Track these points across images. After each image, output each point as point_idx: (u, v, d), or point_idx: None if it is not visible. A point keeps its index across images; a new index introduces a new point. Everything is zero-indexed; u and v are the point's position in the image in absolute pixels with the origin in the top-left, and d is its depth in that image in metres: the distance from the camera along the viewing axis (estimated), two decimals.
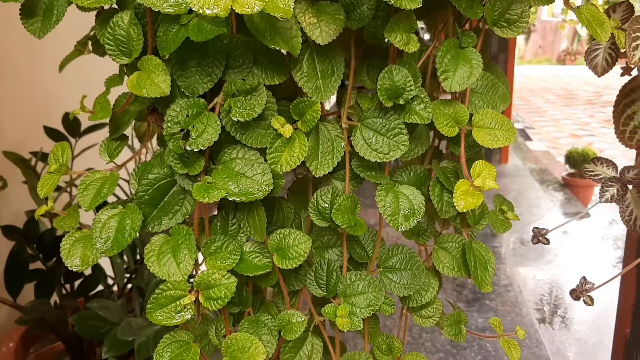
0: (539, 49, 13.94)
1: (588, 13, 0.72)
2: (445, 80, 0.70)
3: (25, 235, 1.52)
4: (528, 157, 6.67)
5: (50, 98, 2.17)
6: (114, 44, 0.65)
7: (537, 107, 10.59)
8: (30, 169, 1.53)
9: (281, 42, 0.63)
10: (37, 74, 2.11)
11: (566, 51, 13.38)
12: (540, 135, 8.38)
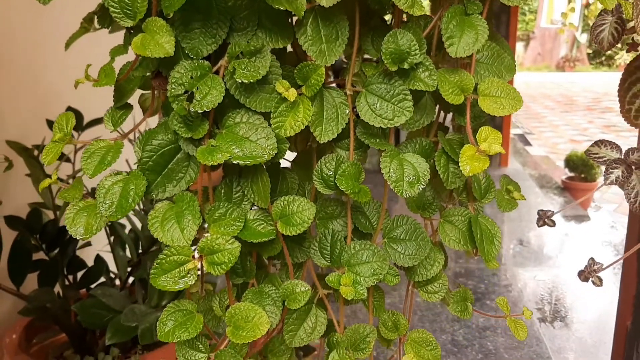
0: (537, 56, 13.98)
1: None
2: (451, 46, 0.70)
3: (28, 226, 1.51)
4: (528, 162, 6.67)
5: (52, 92, 2.17)
6: (118, 7, 0.65)
7: (536, 113, 10.60)
8: (33, 159, 1.53)
9: (285, 2, 0.63)
10: (39, 68, 2.11)
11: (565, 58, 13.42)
12: (540, 141, 8.38)
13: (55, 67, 2.19)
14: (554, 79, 13.73)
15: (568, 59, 13.36)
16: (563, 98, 12.06)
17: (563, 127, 9.46)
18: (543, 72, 14.12)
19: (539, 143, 8.26)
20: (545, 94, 12.61)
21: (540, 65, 14.17)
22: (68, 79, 2.23)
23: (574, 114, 10.35)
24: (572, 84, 13.40)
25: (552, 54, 13.58)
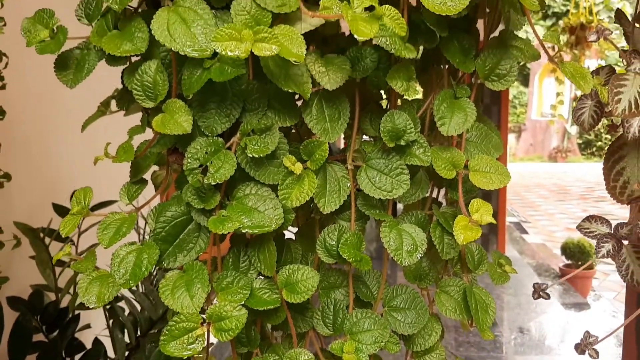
0: (530, 147, 14.36)
1: (572, 67, 0.80)
2: (443, 126, 0.77)
3: (30, 307, 1.52)
4: (525, 250, 6.69)
5: (59, 176, 2.24)
6: (141, 90, 0.71)
7: (531, 202, 10.74)
8: (38, 240, 1.56)
9: (294, 85, 0.70)
10: (47, 154, 2.19)
11: (557, 149, 13.78)
12: (536, 229, 8.44)
13: (63, 152, 2.27)
14: (547, 169, 14.03)
15: (560, 150, 13.71)
16: (557, 187, 12.26)
17: (558, 215, 9.56)
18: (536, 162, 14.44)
19: (535, 231, 8.31)
20: (539, 184, 12.81)
21: (532, 156, 14.51)
22: (74, 164, 2.31)
23: (569, 203, 10.49)
24: (565, 174, 13.66)
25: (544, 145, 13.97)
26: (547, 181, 12.94)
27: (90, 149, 1.92)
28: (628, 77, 0.87)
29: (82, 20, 0.80)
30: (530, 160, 14.45)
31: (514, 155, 14.59)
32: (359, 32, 0.61)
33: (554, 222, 9.00)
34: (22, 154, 2.03)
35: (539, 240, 7.62)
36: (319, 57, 0.73)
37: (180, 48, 0.65)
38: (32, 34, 0.78)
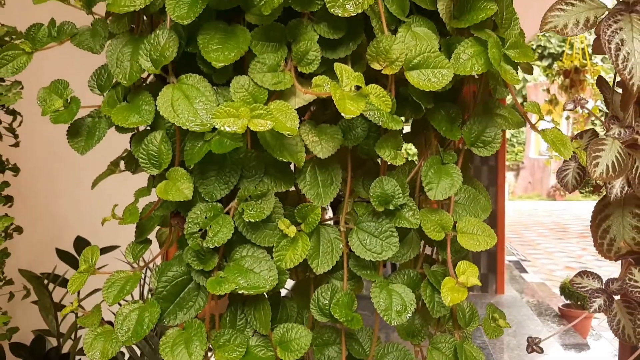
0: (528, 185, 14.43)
1: (552, 134, 0.84)
2: (430, 191, 0.81)
3: (32, 352, 1.55)
4: (524, 289, 6.67)
5: (63, 223, 2.28)
6: (147, 158, 0.76)
7: (530, 240, 10.73)
8: (42, 286, 1.59)
9: (288, 155, 0.75)
10: (52, 201, 2.23)
11: (555, 187, 13.86)
12: (536, 268, 8.42)
13: (67, 200, 2.31)
14: (545, 207, 14.05)
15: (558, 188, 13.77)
16: (556, 225, 12.26)
17: (557, 254, 9.54)
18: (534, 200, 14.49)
19: (534, 270, 8.29)
20: (539, 222, 12.82)
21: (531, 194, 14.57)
22: (78, 211, 2.35)
23: (568, 241, 10.48)
24: (564, 212, 13.68)
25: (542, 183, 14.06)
26: (546, 219, 12.96)
27: (93, 195, 1.97)
28: (606, 142, 0.92)
29: (94, 90, 0.85)
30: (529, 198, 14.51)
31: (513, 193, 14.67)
32: (345, 111, 0.66)
33: (554, 261, 8.98)
34: (27, 200, 2.07)
35: (538, 279, 7.60)
36: (312, 126, 0.78)
37: (183, 123, 0.70)
38: (47, 104, 0.83)
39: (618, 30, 0.89)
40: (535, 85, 14.71)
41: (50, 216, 2.23)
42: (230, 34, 0.74)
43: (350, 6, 0.72)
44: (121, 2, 0.74)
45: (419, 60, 0.76)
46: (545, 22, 0.93)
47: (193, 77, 0.74)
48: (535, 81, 15.40)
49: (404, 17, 0.78)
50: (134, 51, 0.77)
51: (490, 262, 5.93)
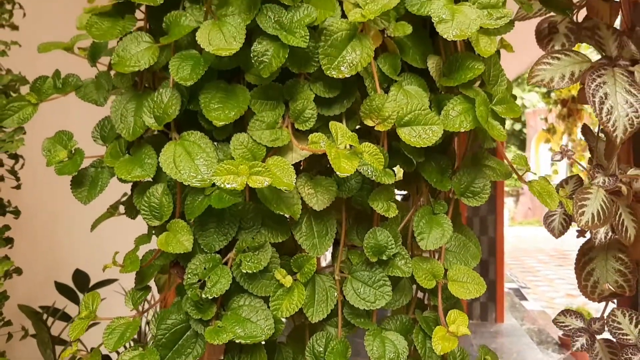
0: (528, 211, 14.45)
1: (539, 186, 0.88)
2: (422, 241, 0.84)
3: None
4: (524, 317, 6.64)
5: (62, 256, 2.30)
6: (148, 210, 0.79)
7: (531, 267, 10.70)
8: (41, 322, 1.61)
9: (285, 208, 0.78)
10: (52, 234, 2.26)
11: None
12: (536, 295, 8.39)
13: (66, 234, 2.34)
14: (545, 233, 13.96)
15: None
16: (556, 252, 12.24)
17: (558, 281, 9.51)
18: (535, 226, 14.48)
19: (534, 297, 8.25)
20: (539, 248, 12.80)
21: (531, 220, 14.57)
22: (77, 243, 2.37)
23: (568, 268, 10.44)
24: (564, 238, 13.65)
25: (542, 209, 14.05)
26: (546, 245, 12.93)
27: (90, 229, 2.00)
28: (591, 190, 0.95)
29: (97, 141, 0.89)
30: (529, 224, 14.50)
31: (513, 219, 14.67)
32: (340, 169, 0.69)
33: (554, 288, 8.95)
34: (26, 234, 2.10)
35: (538, 307, 7.57)
36: (308, 179, 0.82)
37: (185, 179, 0.74)
38: (51, 154, 0.86)
39: (602, 84, 0.93)
40: (534, 112, 14.81)
41: (49, 248, 2.26)
42: (230, 93, 0.77)
43: (345, 68, 0.76)
44: (126, 62, 0.77)
45: (410, 117, 0.80)
46: (532, 76, 0.97)
47: (194, 134, 0.77)
48: (534, 107, 15.52)
49: (395, 76, 0.82)
50: (138, 107, 0.81)
51: (489, 291, 5.93)
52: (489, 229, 5.91)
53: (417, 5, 0.82)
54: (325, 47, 0.76)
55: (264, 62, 0.74)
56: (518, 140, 15.57)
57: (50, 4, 2.16)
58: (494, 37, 0.83)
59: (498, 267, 5.96)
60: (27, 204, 2.08)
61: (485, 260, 5.95)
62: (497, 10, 0.83)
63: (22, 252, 2.03)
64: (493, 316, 6.01)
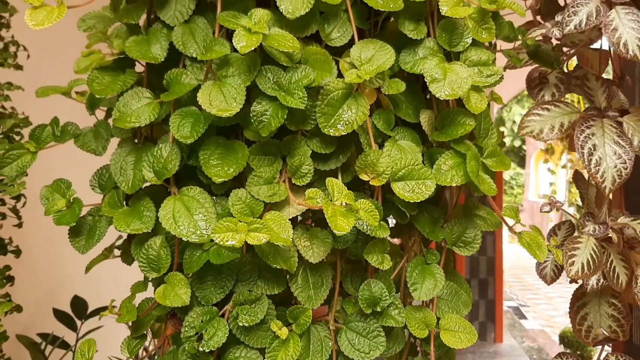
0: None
1: (528, 237, 0.90)
2: (415, 291, 0.86)
3: None
4: (523, 337, 6.62)
5: (60, 282, 2.31)
6: (146, 262, 0.81)
7: (530, 285, 10.68)
8: (39, 352, 1.62)
9: (281, 261, 0.80)
10: (51, 260, 2.27)
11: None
12: (535, 313, 8.37)
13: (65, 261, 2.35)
14: None
15: None
16: None
17: (557, 299, 9.49)
18: None
19: (534, 316, 8.23)
20: None
21: None
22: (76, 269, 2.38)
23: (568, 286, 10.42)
24: None
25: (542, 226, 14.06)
26: None
27: (91, 254, 2.01)
28: (582, 239, 0.97)
29: (95, 189, 0.91)
30: None
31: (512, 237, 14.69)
32: (337, 227, 0.71)
33: (553, 306, 8.93)
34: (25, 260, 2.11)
35: (537, 325, 7.55)
36: (304, 231, 0.84)
37: (184, 235, 0.76)
38: (50, 203, 0.88)
39: (590, 136, 0.96)
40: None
41: (47, 274, 2.27)
42: (229, 149, 0.80)
43: (341, 126, 0.78)
44: (127, 118, 0.80)
45: (404, 172, 0.82)
46: (522, 127, 0.99)
47: (193, 189, 0.79)
48: None
49: (389, 131, 0.85)
50: (137, 160, 0.83)
51: (488, 310, 5.92)
52: (487, 247, 5.91)
53: (410, 64, 0.85)
54: (322, 105, 0.78)
55: (263, 122, 0.77)
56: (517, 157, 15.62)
57: (56, 45, 2.19)
58: (485, 93, 0.86)
59: (497, 286, 5.96)
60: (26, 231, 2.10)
61: (485, 280, 5.95)
62: (488, 68, 0.86)
63: (21, 279, 2.05)
64: (492, 336, 6.00)
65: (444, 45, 0.85)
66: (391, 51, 0.81)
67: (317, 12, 0.81)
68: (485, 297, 5.90)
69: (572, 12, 0.91)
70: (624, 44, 0.87)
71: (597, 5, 0.90)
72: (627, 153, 0.95)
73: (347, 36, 0.82)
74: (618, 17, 0.88)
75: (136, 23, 0.82)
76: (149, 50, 0.79)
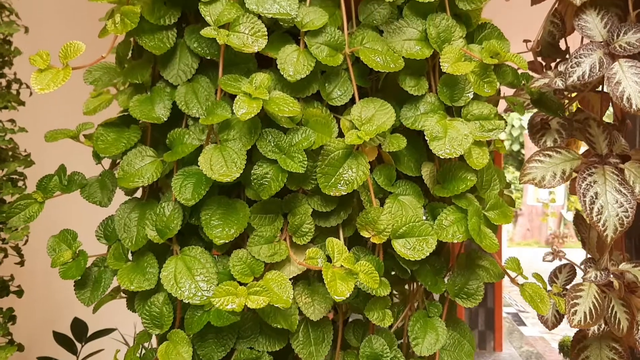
0: (527, 232, 14.45)
1: (531, 289, 0.90)
2: (416, 346, 0.86)
3: None
4: (523, 345, 6.62)
5: (60, 305, 2.31)
6: (149, 318, 0.81)
7: None
8: None
9: (282, 320, 0.80)
10: (50, 284, 2.27)
11: (554, 234, 13.88)
12: (534, 319, 8.36)
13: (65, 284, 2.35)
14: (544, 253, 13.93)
15: (557, 236, 13.79)
16: None
17: None
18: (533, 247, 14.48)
19: (533, 322, 8.22)
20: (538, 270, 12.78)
21: (530, 241, 14.56)
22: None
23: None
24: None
25: (541, 230, 14.10)
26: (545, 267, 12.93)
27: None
28: (584, 287, 0.97)
29: (100, 240, 0.91)
30: (528, 245, 14.50)
31: (511, 240, 14.66)
32: (336, 293, 0.71)
33: None
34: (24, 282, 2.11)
35: (537, 332, 7.55)
36: (305, 287, 0.84)
37: (186, 297, 0.76)
38: (56, 254, 0.89)
39: (592, 184, 0.96)
40: None
41: (47, 296, 2.27)
42: (231, 209, 0.80)
43: (342, 186, 0.79)
44: (130, 178, 0.80)
45: (405, 229, 0.82)
46: (524, 174, 0.99)
47: (195, 249, 0.79)
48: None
49: (390, 187, 0.85)
50: (141, 217, 0.83)
51: (487, 319, 5.92)
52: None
53: (411, 119, 0.85)
54: (322, 165, 0.78)
55: (263, 185, 0.77)
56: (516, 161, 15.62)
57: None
58: (486, 148, 0.86)
59: (496, 294, 5.96)
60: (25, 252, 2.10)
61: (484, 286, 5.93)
62: (490, 122, 0.86)
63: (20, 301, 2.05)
64: (491, 345, 6.00)
65: (445, 101, 0.85)
66: (391, 111, 0.81)
67: (318, 71, 0.81)
68: (484, 305, 5.89)
69: (575, 63, 0.91)
70: (627, 98, 0.87)
71: (600, 57, 0.90)
72: (629, 201, 0.95)
73: (348, 95, 0.82)
74: (621, 70, 0.88)
75: (140, 82, 0.82)
76: (152, 110, 0.80)
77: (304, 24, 0.78)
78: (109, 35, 0.85)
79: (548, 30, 1.06)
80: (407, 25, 0.84)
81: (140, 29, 0.79)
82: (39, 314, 2.18)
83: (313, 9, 0.79)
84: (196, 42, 0.80)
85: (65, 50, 0.78)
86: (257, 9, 0.76)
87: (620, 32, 0.90)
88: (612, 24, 0.91)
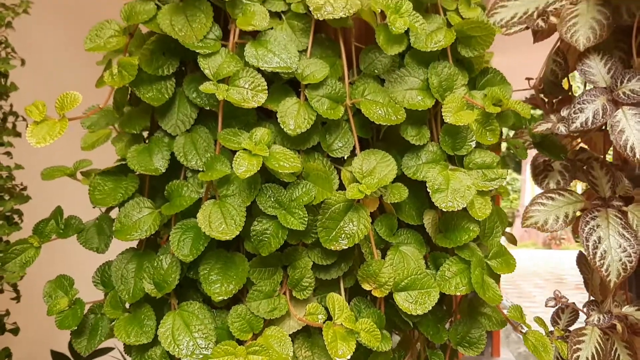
0: (524, 233, 14.47)
1: (533, 338, 0.89)
2: None
3: None
4: (520, 350, 6.62)
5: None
6: None
7: (527, 293, 10.68)
8: None
9: None
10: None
11: (551, 236, 13.91)
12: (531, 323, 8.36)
13: None
14: (542, 255, 14.01)
15: (554, 237, 13.82)
16: (552, 276, 12.23)
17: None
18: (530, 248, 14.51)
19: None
20: (535, 272, 12.79)
21: (527, 242, 14.60)
22: None
23: (565, 294, 10.42)
24: (560, 261, 13.64)
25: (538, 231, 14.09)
26: (543, 269, 12.92)
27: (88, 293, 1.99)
28: (586, 331, 0.96)
29: (97, 286, 0.89)
30: (525, 247, 14.53)
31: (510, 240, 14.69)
32: (336, 355, 0.70)
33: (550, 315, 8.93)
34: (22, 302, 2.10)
35: None
36: (305, 340, 0.82)
37: (184, 355, 0.75)
38: (52, 301, 0.87)
39: (595, 228, 0.95)
40: None
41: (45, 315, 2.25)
42: (229, 263, 0.78)
43: (342, 240, 0.77)
44: (128, 231, 0.79)
45: (406, 282, 0.81)
46: (526, 217, 0.98)
47: (193, 304, 0.78)
48: None
49: (392, 238, 0.83)
50: (138, 269, 0.82)
51: None
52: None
53: (412, 169, 0.84)
54: (323, 219, 0.77)
55: (263, 241, 0.76)
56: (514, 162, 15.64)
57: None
58: (489, 198, 0.85)
59: None
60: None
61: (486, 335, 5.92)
62: (492, 171, 0.85)
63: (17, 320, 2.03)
64: (489, 350, 5.98)
65: (447, 151, 0.84)
66: (393, 163, 0.80)
67: (319, 123, 0.80)
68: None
69: (578, 109, 0.90)
70: (631, 148, 0.86)
71: (604, 104, 0.89)
72: (632, 246, 0.94)
73: (349, 147, 0.80)
74: (625, 118, 0.87)
75: (138, 133, 0.81)
76: (150, 162, 0.78)
77: (304, 77, 0.77)
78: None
79: (550, 68, 1.05)
80: (408, 75, 0.83)
81: (138, 80, 0.78)
82: (37, 333, 2.17)
83: (314, 61, 0.78)
84: (195, 93, 0.79)
85: (61, 101, 0.77)
86: (257, 63, 0.75)
87: (624, 79, 0.89)
88: (616, 69, 0.90)
